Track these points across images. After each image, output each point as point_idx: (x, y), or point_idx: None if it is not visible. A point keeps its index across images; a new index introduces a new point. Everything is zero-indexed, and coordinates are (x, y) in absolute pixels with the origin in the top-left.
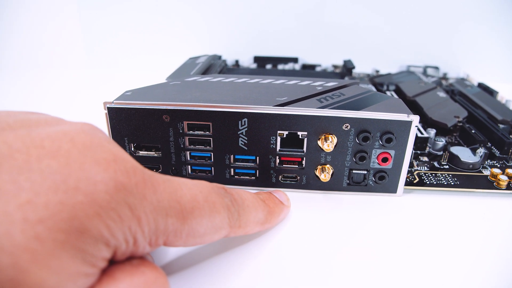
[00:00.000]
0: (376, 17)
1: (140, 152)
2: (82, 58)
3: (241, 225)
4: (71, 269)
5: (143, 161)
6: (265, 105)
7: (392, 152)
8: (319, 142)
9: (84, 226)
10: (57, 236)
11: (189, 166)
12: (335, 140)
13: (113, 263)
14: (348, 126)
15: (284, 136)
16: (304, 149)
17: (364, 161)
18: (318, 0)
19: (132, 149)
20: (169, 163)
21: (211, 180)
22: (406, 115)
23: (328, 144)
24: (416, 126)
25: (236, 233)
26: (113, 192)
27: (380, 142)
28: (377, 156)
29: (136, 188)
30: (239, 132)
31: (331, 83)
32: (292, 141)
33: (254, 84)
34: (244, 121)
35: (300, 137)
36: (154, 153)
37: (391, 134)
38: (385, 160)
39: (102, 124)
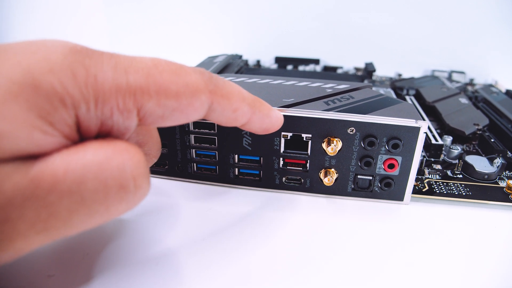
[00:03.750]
0: (401, 20)
1: None
2: None
3: (223, 94)
4: (25, 120)
5: None
6: None
7: (399, 159)
8: (323, 145)
9: (37, 80)
10: (11, 87)
11: (194, 164)
12: (339, 143)
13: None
14: (353, 130)
15: (288, 138)
16: (308, 151)
17: (370, 167)
18: (343, 2)
19: None
20: (175, 160)
21: (215, 179)
22: (414, 120)
23: (332, 148)
24: (424, 132)
25: (220, 103)
26: (68, 54)
27: (387, 148)
28: (383, 162)
29: (93, 53)
30: (243, 132)
31: (342, 86)
32: (296, 143)
33: (264, 85)
34: None
35: (304, 139)
36: None
37: (398, 140)
38: (391, 166)
39: None
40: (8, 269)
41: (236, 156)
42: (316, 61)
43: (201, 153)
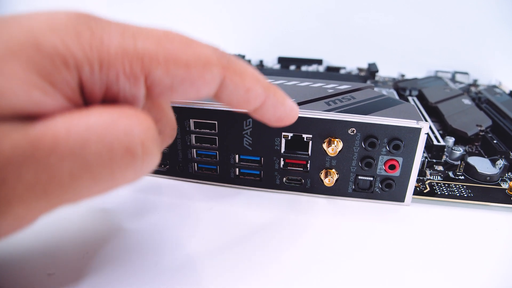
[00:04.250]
0: (405, 20)
1: None
2: None
3: (236, 71)
4: (24, 78)
5: None
6: None
7: (400, 160)
8: (324, 146)
9: (39, 40)
10: (11, 45)
11: (195, 164)
12: (340, 144)
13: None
14: (354, 130)
15: (289, 138)
16: (309, 152)
17: (371, 167)
18: (346, 2)
19: None
20: (176, 160)
21: (216, 179)
22: (415, 121)
23: (333, 148)
24: (426, 133)
25: (233, 79)
26: (74, 16)
27: (387, 149)
28: (384, 162)
29: (100, 19)
30: (244, 132)
31: (344, 86)
32: (297, 144)
33: None
34: (249, 121)
35: (305, 139)
36: None
37: (399, 140)
38: (392, 167)
39: None
40: (8, 267)
41: (237, 156)
42: (319, 62)
43: (202, 153)
